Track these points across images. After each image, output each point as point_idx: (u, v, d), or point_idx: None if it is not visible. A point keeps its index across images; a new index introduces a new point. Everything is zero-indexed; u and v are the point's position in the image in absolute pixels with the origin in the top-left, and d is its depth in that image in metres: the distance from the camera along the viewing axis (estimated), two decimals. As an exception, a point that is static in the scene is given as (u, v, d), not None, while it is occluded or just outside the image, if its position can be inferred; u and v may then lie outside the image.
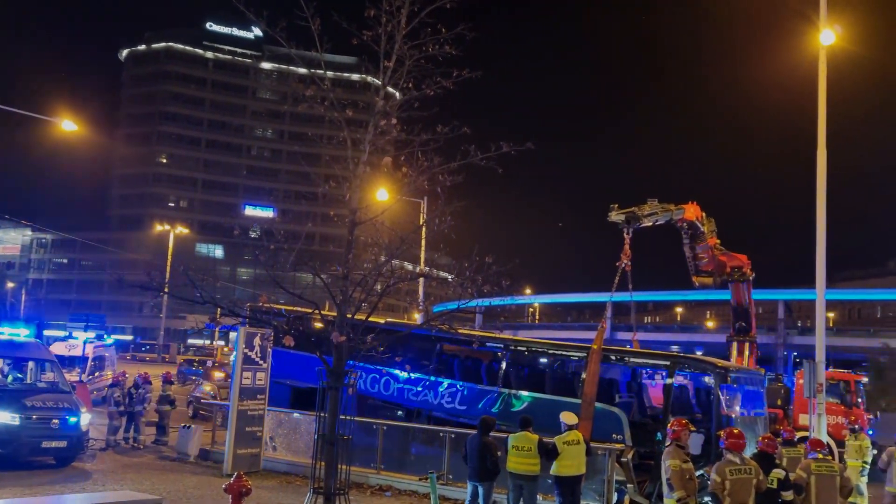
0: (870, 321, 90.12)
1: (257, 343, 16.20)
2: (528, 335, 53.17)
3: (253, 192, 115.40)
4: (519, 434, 12.01)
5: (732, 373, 15.50)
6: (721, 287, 24.44)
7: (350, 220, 9.37)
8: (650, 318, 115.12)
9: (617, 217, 19.15)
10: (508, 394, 16.39)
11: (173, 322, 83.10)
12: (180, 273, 9.82)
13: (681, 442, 10.26)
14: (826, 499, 10.26)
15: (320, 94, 9.61)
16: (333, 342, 9.02)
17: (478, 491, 11.97)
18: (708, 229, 22.38)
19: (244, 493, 8.99)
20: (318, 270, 9.64)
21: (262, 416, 16.44)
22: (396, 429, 16.60)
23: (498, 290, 9.34)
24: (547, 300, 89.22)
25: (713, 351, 41.60)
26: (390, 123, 9.36)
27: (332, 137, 10.37)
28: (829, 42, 18.54)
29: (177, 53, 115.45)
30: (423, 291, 39.01)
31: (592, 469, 13.75)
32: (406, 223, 11.18)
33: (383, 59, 9.28)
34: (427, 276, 11.74)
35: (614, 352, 17.76)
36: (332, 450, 9.25)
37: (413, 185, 9.42)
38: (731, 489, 9.25)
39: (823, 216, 18.29)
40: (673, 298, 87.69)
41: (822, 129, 18.40)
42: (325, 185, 10.53)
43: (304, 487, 11.55)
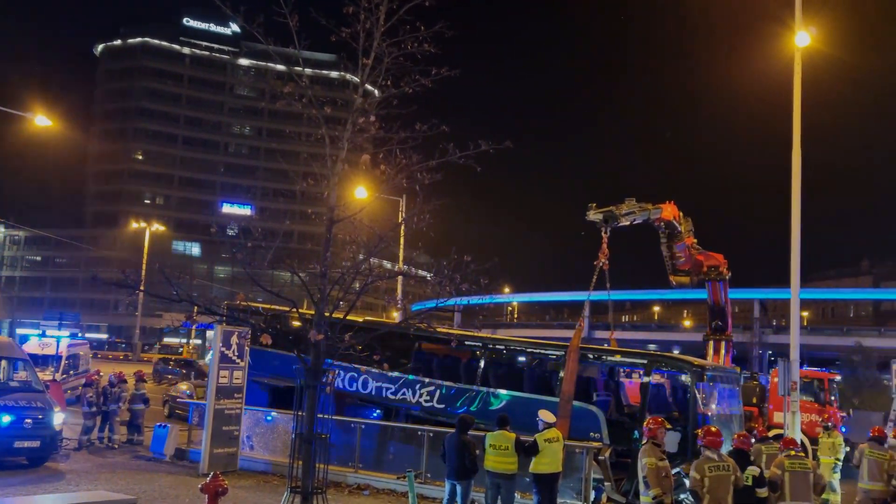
0: (843, 320, 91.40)
1: (234, 342, 16.09)
2: (506, 334, 53.34)
3: (230, 190, 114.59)
4: (496, 433, 12.03)
5: (709, 371, 15.63)
6: (698, 286, 24.63)
7: (328, 217, 9.32)
8: (628, 317, 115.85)
9: (595, 216, 19.25)
10: (487, 392, 16.41)
11: (149, 320, 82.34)
12: (156, 271, 9.71)
13: (657, 440, 10.35)
14: (800, 496, 10.40)
15: (298, 91, 9.54)
16: (311, 340, 8.97)
17: (456, 489, 11.97)
18: (685, 229, 22.54)
19: (220, 492, 8.93)
20: (296, 268, 9.58)
21: (240, 415, 16.32)
22: (374, 427, 16.57)
23: (476, 289, 9.33)
24: (525, 299, 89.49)
25: (690, 349, 42.00)
26: (369, 121, 9.31)
27: (311, 135, 10.33)
28: (804, 44, 18.76)
29: (153, 49, 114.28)
30: (402, 290, 38.99)
31: (570, 467, 13.80)
32: (385, 221, 11.15)
33: (362, 57, 9.24)
34: (405, 274, 11.72)
35: (592, 350, 17.85)
36: (309, 448, 9.20)
37: (391, 183, 9.38)
38: (710, 486, 9.35)
39: (798, 216, 18.51)
40: (650, 297, 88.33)
41: (796, 129, 18.62)
42: (303, 183, 10.48)
43: (282, 487, 11.48)
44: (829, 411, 22.50)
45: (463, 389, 16.77)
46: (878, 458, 12.30)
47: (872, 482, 12.21)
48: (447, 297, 9.51)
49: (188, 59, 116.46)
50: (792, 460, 10.48)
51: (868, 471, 12.25)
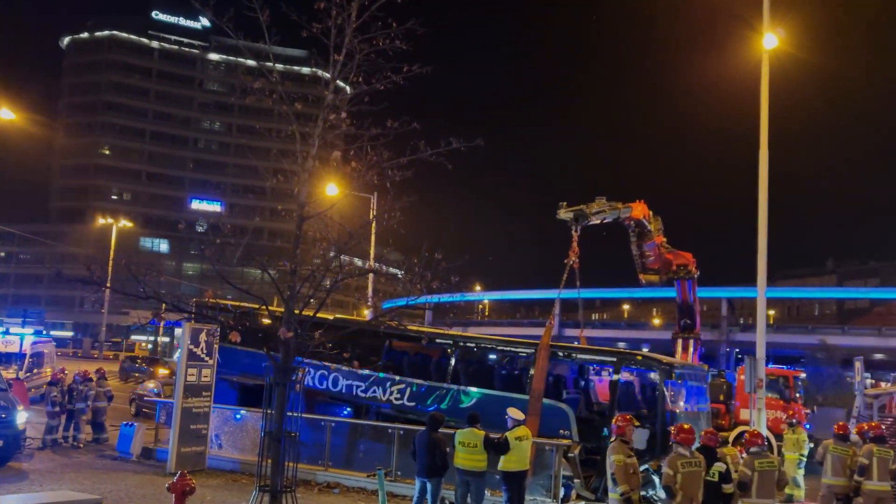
0: (808, 318, 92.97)
1: (203, 339, 15.93)
2: (477, 332, 53.45)
3: (199, 186, 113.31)
4: (465, 430, 12.05)
5: (677, 369, 15.79)
6: (667, 285, 24.87)
7: (298, 214, 9.26)
8: (598, 315, 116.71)
9: (565, 215, 19.34)
10: (457, 390, 16.42)
11: (116, 318, 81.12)
12: (123, 267, 9.58)
13: (625, 437, 10.44)
14: (765, 493, 10.58)
15: (269, 86, 9.47)
16: (281, 338, 8.91)
17: (426, 487, 11.97)
18: (655, 228, 22.74)
19: (188, 491, 8.84)
20: (266, 266, 9.52)
21: (208, 414, 16.17)
22: (345, 425, 16.51)
23: (447, 287, 9.34)
24: (496, 297, 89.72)
25: (659, 347, 42.42)
26: (340, 118, 9.28)
27: (281, 131, 10.25)
28: (771, 46, 19.03)
29: (121, 42, 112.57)
30: (373, 287, 38.86)
31: (540, 465, 13.88)
32: (355, 218, 11.11)
33: (333, 53, 9.19)
34: (376, 272, 11.69)
35: (562, 348, 17.93)
36: (278, 447, 9.14)
37: (362, 180, 9.35)
38: (682, 482, 9.48)
39: (765, 217, 18.77)
40: (620, 296, 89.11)
41: (763, 131, 18.88)
42: (273, 180, 10.40)
43: (251, 486, 11.40)
44: (794, 408, 22.87)
45: (433, 387, 16.77)
46: (841, 455, 12.53)
47: (836, 478, 12.43)
48: (418, 295, 9.51)
49: (157, 53, 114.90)
50: (761, 460, 10.65)
51: (832, 466, 12.47)
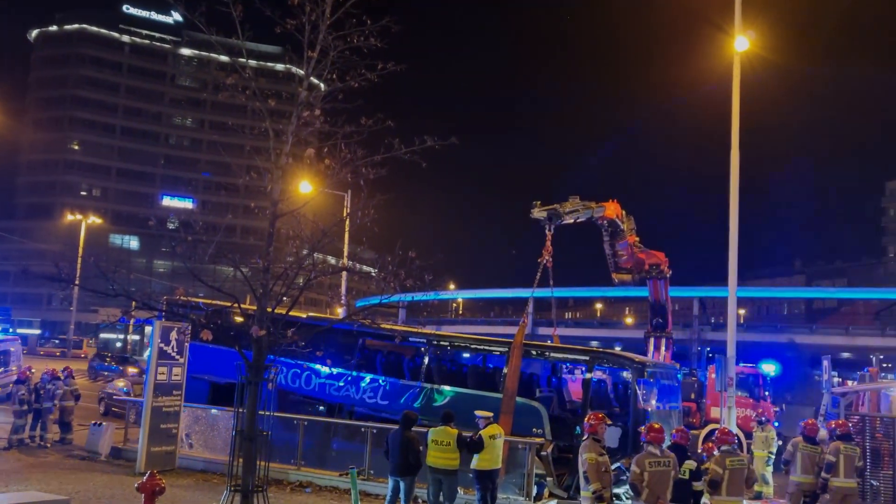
0: (778, 318, 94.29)
1: (173, 337, 15.78)
2: (451, 330, 53.47)
3: (171, 182, 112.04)
4: (438, 428, 12.05)
5: (649, 368, 15.92)
6: (639, 284, 25.05)
7: (271, 212, 9.19)
8: (571, 314, 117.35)
9: (539, 214, 19.41)
10: (431, 388, 16.42)
11: (85, 315, 79.94)
12: (92, 264, 9.43)
13: (597, 435, 10.50)
14: (735, 490, 10.70)
15: (242, 82, 9.38)
16: (253, 336, 8.84)
17: (399, 486, 11.95)
18: (627, 227, 22.89)
19: (157, 491, 8.74)
20: (239, 263, 9.43)
21: (178, 413, 16.01)
22: (317, 424, 16.43)
23: (420, 285, 9.32)
24: (470, 295, 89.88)
25: (631, 346, 42.68)
26: (314, 115, 9.21)
27: (254, 128, 10.15)
28: (743, 48, 19.23)
29: (91, 36, 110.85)
30: (346, 286, 38.70)
31: (513, 463, 13.92)
32: (329, 216, 11.05)
33: (307, 49, 9.13)
34: (350, 269, 11.63)
35: (535, 347, 18.00)
36: (250, 446, 9.06)
37: (336, 177, 9.31)
38: (649, 480, 9.55)
39: (736, 218, 18.98)
40: (593, 295, 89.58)
41: (735, 132, 19.09)
42: (246, 177, 10.30)
43: (222, 485, 11.29)
44: (763, 406, 23.18)
45: (407, 386, 16.75)
46: (811, 453, 12.71)
47: (805, 475, 12.60)
48: (391, 294, 9.48)
49: (128, 48, 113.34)
50: (731, 458, 10.77)
51: (801, 465, 12.63)
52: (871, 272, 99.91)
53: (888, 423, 14.85)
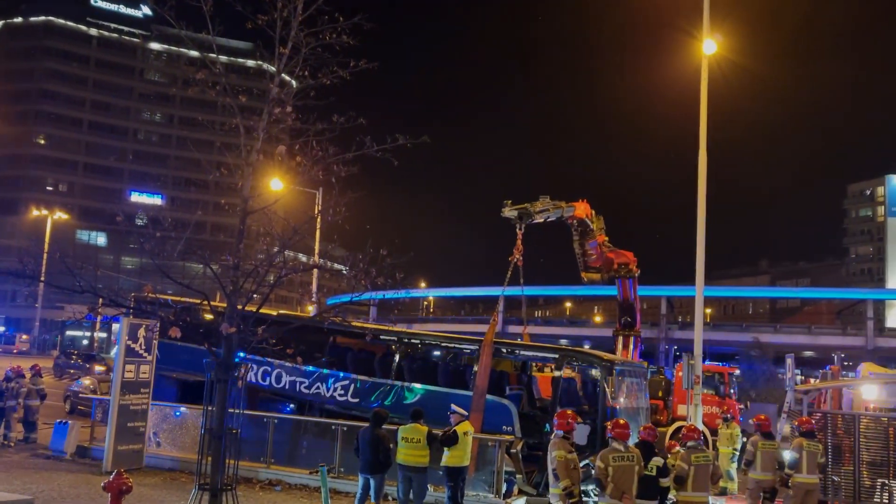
0: (743, 317, 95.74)
1: (142, 335, 15.62)
2: (421, 328, 53.50)
3: (140, 178, 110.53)
4: (409, 426, 12.08)
5: (617, 366, 16.08)
6: (608, 283, 25.27)
7: (242, 209, 9.14)
8: (541, 313, 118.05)
9: (510, 213, 19.49)
10: (401, 386, 16.43)
11: (51, 312, 78.66)
12: (58, 260, 9.31)
13: (566, 433, 10.60)
14: (700, 486, 10.88)
15: (212, 78, 9.31)
16: (223, 333, 8.79)
17: (369, 483, 11.96)
18: (597, 227, 23.08)
19: (124, 490, 8.67)
20: (209, 260, 9.37)
21: (146, 411, 15.85)
22: (287, 422, 16.36)
23: (392, 283, 9.34)
24: (441, 293, 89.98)
25: (600, 344, 43.11)
26: (285, 111, 9.17)
27: (225, 124, 10.09)
28: (711, 51, 19.50)
29: (57, 28, 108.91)
30: (317, 283, 38.55)
31: (483, 460, 14.00)
32: (300, 214, 11.00)
33: (279, 46, 9.08)
34: (321, 267, 11.61)
35: (505, 345, 18.09)
36: (219, 444, 9.01)
37: (307, 175, 9.28)
38: (613, 475, 9.68)
39: (703, 218, 19.23)
40: (563, 293, 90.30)
41: (703, 134, 19.35)
42: (216, 173, 10.24)
43: (190, 484, 11.21)
44: (728, 403, 23.53)
45: (377, 384, 16.74)
46: (770, 450, 12.94)
47: (764, 472, 12.83)
48: (362, 291, 9.48)
49: (96, 41, 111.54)
50: (697, 454, 10.94)
51: (761, 462, 12.85)
52: (834, 273, 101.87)
53: (849, 420, 15.15)
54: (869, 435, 14.67)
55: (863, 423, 14.86)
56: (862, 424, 14.82)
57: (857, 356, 50.47)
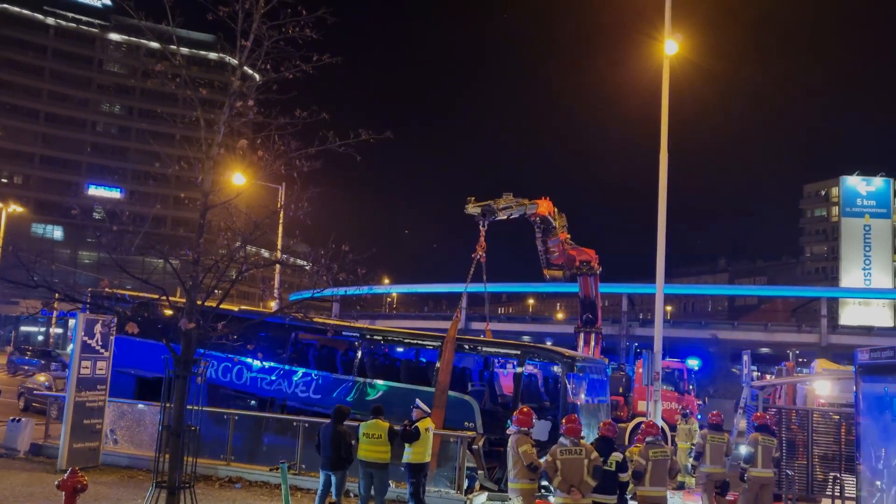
0: (702, 314, 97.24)
1: (98, 330, 15.34)
2: (384, 324, 53.38)
3: (98, 171, 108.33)
4: (370, 422, 12.06)
5: (578, 362, 16.23)
6: (570, 280, 25.49)
7: (202, 203, 9.02)
8: (504, 309, 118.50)
9: (473, 209, 19.56)
10: (364, 383, 16.39)
11: (4, 308, 76.71)
12: (11, 253, 9.10)
13: (526, 429, 10.70)
14: (658, 481, 11.05)
15: (172, 70, 9.16)
16: (182, 329, 8.67)
17: (331, 480, 11.92)
18: (559, 224, 23.25)
19: (79, 489, 8.52)
20: (168, 255, 9.23)
21: (103, 408, 15.59)
22: (248, 418, 16.21)
23: (354, 279, 9.30)
24: (404, 290, 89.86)
25: (562, 341, 43.39)
26: (247, 105, 9.07)
27: (185, 117, 9.95)
28: (672, 52, 19.76)
29: (12, 17, 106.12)
30: (280, 279, 38.25)
31: (445, 456, 14.03)
32: (263, 209, 10.90)
33: (240, 38, 8.97)
34: (282, 263, 11.50)
35: (468, 341, 18.15)
36: (177, 441, 8.90)
37: (269, 169, 9.19)
38: (561, 468, 9.82)
39: (664, 217, 19.51)
40: (525, 290, 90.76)
41: (664, 134, 19.61)
42: (176, 167, 10.09)
43: (148, 482, 11.06)
44: (687, 400, 23.91)
45: (339, 380, 16.68)
46: (718, 443, 13.18)
47: (714, 465, 13.06)
48: (324, 287, 9.43)
49: (52, 31, 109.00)
50: (654, 449, 11.10)
51: (710, 455, 13.09)
52: (790, 271, 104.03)
53: (803, 415, 15.50)
54: (821, 430, 15.03)
55: (815, 419, 15.22)
56: (814, 420, 15.17)
57: (811, 353, 51.62)
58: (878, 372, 9.82)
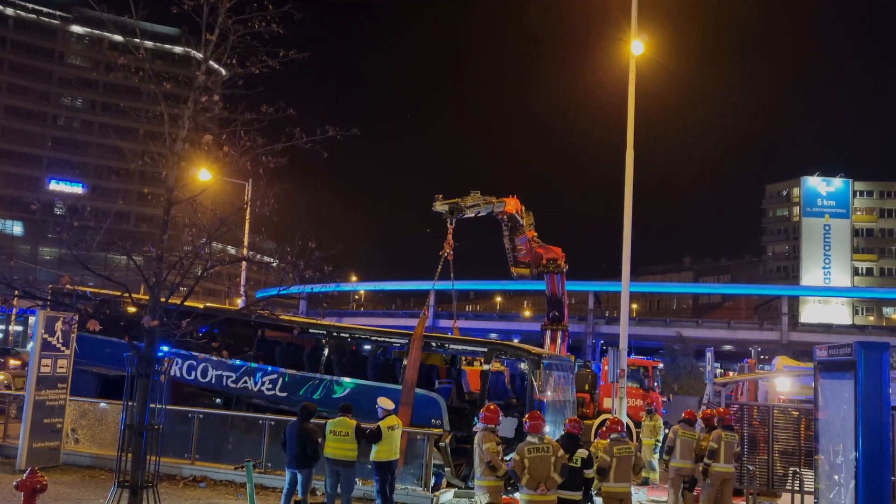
0: (667, 312, 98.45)
1: (59, 328, 15.07)
2: (352, 322, 53.24)
3: (59, 166, 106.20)
4: (337, 419, 12.01)
5: (545, 359, 16.33)
6: (537, 278, 25.64)
7: (166, 199, 8.90)
8: (471, 307, 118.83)
9: (441, 207, 19.58)
10: (330, 380, 16.32)
11: (-39, 305, 75.03)
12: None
13: (492, 426, 10.73)
14: (622, 477, 11.16)
15: (136, 63, 9.01)
16: (145, 327, 8.55)
17: (297, 478, 11.86)
18: (527, 222, 23.38)
19: (38, 489, 8.37)
20: (130, 251, 9.10)
21: (63, 407, 15.33)
22: (213, 417, 16.06)
23: (320, 276, 9.25)
24: (372, 287, 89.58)
25: (529, 338, 43.71)
26: (212, 100, 8.96)
27: (149, 111, 9.82)
28: (638, 52, 19.95)
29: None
30: (246, 276, 37.88)
31: (412, 454, 14.03)
32: (229, 205, 10.79)
33: (205, 32, 8.85)
34: (248, 259, 11.40)
35: (435, 339, 18.17)
36: (140, 440, 8.78)
37: (235, 165, 9.09)
38: (529, 466, 9.88)
39: (630, 215, 19.69)
40: (493, 288, 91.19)
41: (630, 133, 19.79)
42: (139, 162, 9.96)
43: (110, 481, 10.89)
44: (652, 396, 24.19)
45: (306, 377, 16.59)
46: (689, 439, 13.36)
47: (683, 460, 13.24)
48: (290, 284, 9.37)
49: (12, 22, 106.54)
50: (619, 446, 11.22)
51: (680, 450, 13.27)
52: (753, 270, 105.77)
53: (764, 411, 15.78)
54: (781, 425, 15.32)
55: (776, 414, 15.51)
56: (775, 415, 15.46)
57: (772, 350, 52.60)
58: (836, 368, 10.02)
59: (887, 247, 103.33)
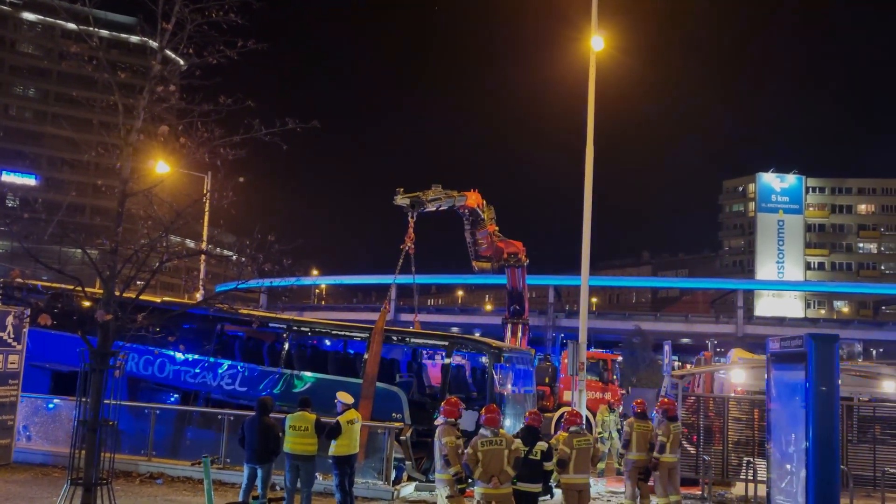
0: (626, 306, 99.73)
1: (10, 322, 14.72)
2: (313, 316, 52.89)
3: (11, 157, 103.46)
4: (296, 414, 11.94)
5: (505, 353, 16.42)
6: (498, 272, 25.71)
7: (120, 190, 8.73)
8: (433, 301, 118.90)
9: (402, 201, 19.51)
10: (290, 375, 16.22)
11: None
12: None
13: (453, 420, 10.76)
14: (582, 468, 11.30)
15: (89, 52, 8.81)
16: (98, 321, 8.39)
17: (255, 473, 11.77)
18: (488, 217, 23.41)
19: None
20: (84, 244, 8.91)
21: (15, 404, 15.00)
22: (170, 412, 15.87)
23: (280, 270, 9.16)
24: (333, 281, 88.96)
25: (490, 332, 43.82)
26: (168, 90, 8.80)
27: (104, 101, 9.60)
28: (599, 48, 20.11)
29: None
30: (205, 270, 37.38)
31: (372, 448, 14.02)
32: (187, 197, 10.63)
33: (161, 21, 8.69)
34: (206, 252, 11.25)
35: (396, 332, 18.14)
36: (94, 437, 8.62)
37: (193, 157, 8.95)
38: (483, 459, 9.93)
39: (590, 210, 19.86)
40: (454, 282, 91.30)
41: (590, 128, 19.94)
42: (93, 153, 9.73)
43: (63, 479, 10.69)
44: (611, 389, 24.48)
45: (266, 372, 16.46)
46: (643, 431, 13.53)
47: (639, 453, 13.41)
48: (249, 278, 9.27)
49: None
50: (578, 438, 11.34)
51: (636, 443, 13.43)
52: (709, 264, 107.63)
53: (719, 403, 16.08)
54: (735, 416, 15.63)
55: (730, 405, 15.81)
56: (729, 406, 15.76)
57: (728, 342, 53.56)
58: (788, 360, 10.25)
59: (838, 242, 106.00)
